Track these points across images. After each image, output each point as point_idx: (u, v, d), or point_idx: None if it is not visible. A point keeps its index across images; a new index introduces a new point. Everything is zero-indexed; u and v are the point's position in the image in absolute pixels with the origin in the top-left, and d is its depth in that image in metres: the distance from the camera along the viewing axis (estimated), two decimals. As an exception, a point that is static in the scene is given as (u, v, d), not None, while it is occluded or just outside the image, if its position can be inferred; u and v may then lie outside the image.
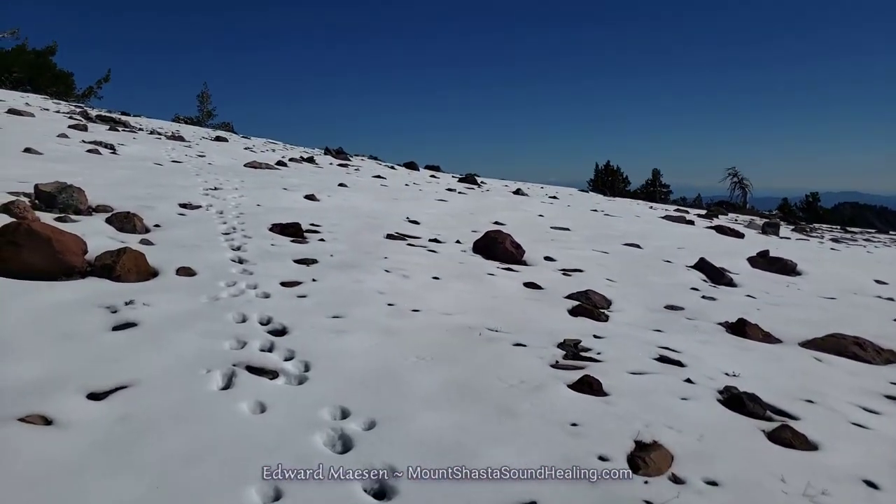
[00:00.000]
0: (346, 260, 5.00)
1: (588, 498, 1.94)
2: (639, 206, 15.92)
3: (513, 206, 10.25)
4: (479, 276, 5.05)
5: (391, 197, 9.45)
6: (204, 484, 1.95)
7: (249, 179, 8.76)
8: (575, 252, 6.71)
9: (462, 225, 7.66)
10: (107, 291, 3.62)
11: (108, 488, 1.90)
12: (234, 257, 4.71)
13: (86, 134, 11.89)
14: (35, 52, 29.03)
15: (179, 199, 6.49)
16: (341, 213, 7.27)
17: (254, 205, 6.93)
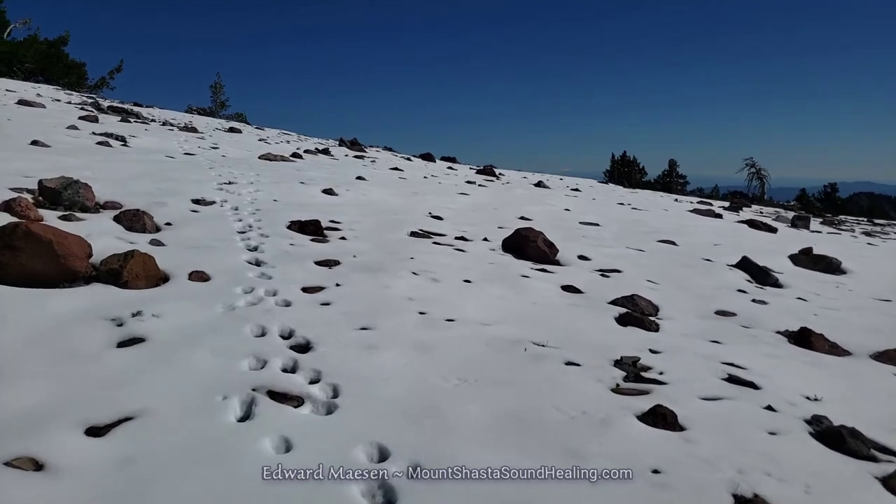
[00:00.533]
0: (371, 261, 4.65)
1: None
2: (663, 198, 15.44)
3: (537, 200, 9.85)
4: (513, 279, 4.68)
5: (411, 191, 9.08)
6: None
7: (265, 173, 8.43)
8: (609, 250, 6.32)
9: (487, 221, 7.28)
10: (112, 300, 3.29)
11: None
12: (250, 259, 4.37)
13: (96, 125, 11.61)
14: (47, 42, 28.83)
15: (192, 194, 6.17)
16: (361, 209, 6.92)
17: (270, 200, 6.60)
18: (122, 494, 1.81)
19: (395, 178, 11.28)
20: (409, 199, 8.16)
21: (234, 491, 1.85)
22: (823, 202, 50.64)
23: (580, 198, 11.39)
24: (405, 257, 4.89)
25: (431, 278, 4.40)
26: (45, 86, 24.38)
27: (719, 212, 12.25)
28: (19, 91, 18.21)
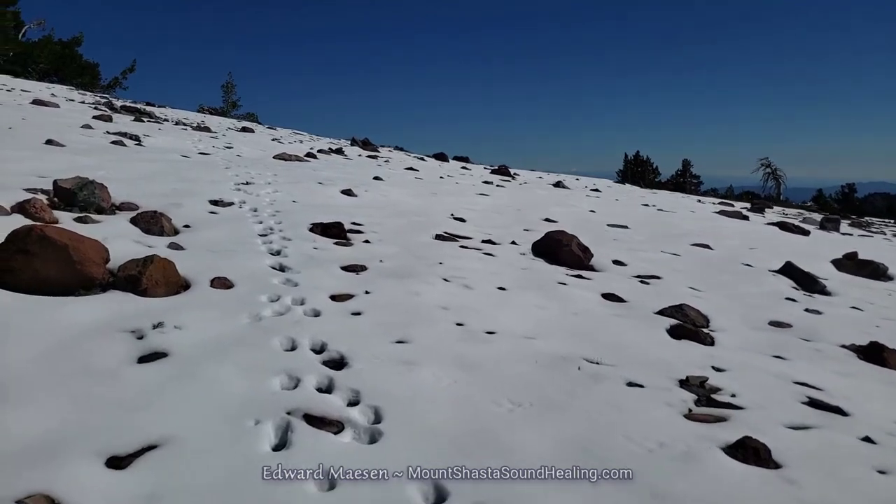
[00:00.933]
0: (398, 266, 4.40)
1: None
2: (685, 199, 15.11)
3: (559, 201, 9.58)
4: (549, 286, 4.42)
5: (430, 191, 8.83)
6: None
7: (281, 173, 8.20)
8: (644, 254, 6.05)
9: (512, 223, 7.02)
10: (132, 309, 3.06)
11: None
12: (274, 264, 4.13)
13: (110, 125, 11.45)
14: (61, 42, 28.85)
15: (210, 195, 5.95)
16: (382, 210, 6.68)
17: (289, 201, 6.36)
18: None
19: (411, 178, 11.04)
20: (428, 200, 7.91)
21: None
22: (841, 203, 50.05)
23: (602, 198, 11.10)
24: (433, 262, 4.64)
25: (463, 285, 4.15)
26: (59, 86, 24.37)
27: (745, 213, 11.92)
28: (34, 91, 18.14)
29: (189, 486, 1.81)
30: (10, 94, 16.07)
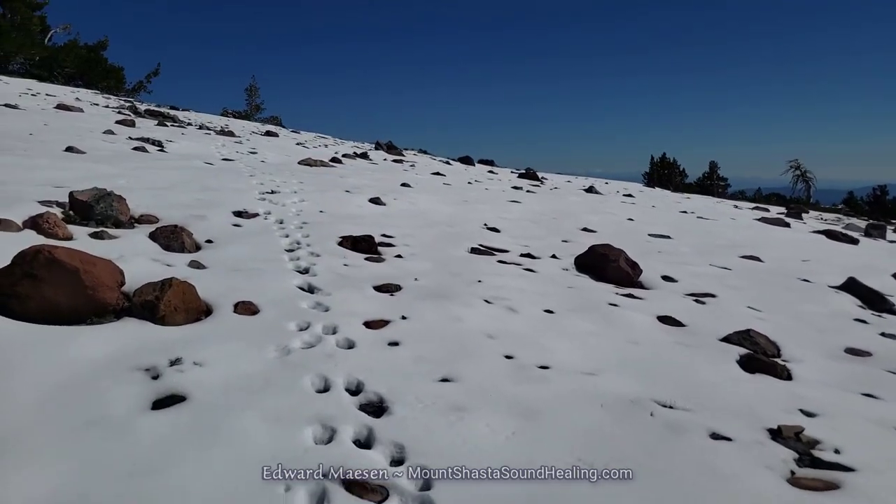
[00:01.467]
0: (435, 285, 4.08)
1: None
2: (720, 204, 14.58)
3: (593, 208, 9.18)
4: (600, 308, 4.05)
5: (460, 198, 8.50)
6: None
7: (308, 180, 7.93)
8: (692, 268, 5.64)
9: (549, 233, 6.66)
10: (147, 341, 2.77)
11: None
12: (302, 284, 3.83)
13: (133, 130, 11.31)
14: (87, 47, 29.12)
15: (233, 205, 5.68)
16: (412, 220, 6.36)
17: (316, 211, 6.08)
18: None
19: (439, 184, 10.72)
20: (459, 209, 7.58)
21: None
22: (872, 206, 48.71)
23: (638, 204, 10.67)
24: (471, 280, 4.30)
25: (507, 307, 3.81)
26: (84, 90, 24.54)
27: (786, 220, 11.40)
28: (59, 95, 18.20)
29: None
30: (35, 99, 16.10)
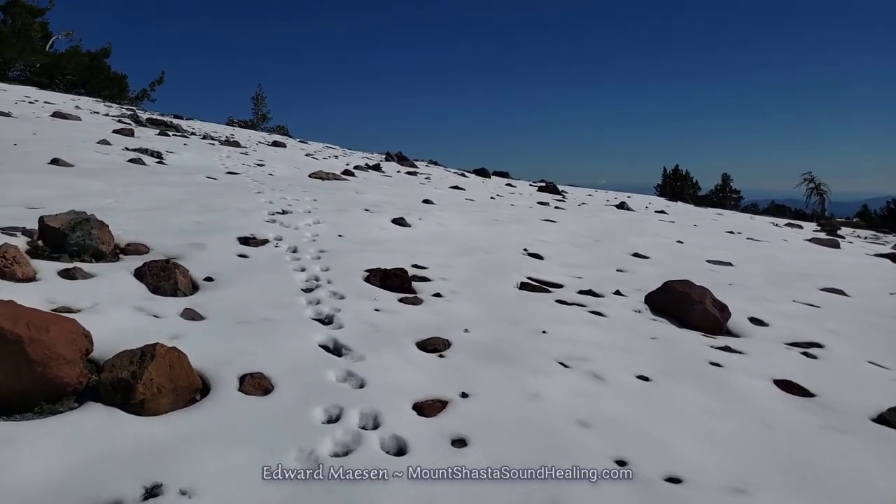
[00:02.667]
0: (491, 339, 3.23)
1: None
2: (755, 220, 13.70)
3: (635, 228, 8.33)
4: (701, 370, 3.20)
5: (489, 217, 7.66)
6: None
7: (322, 197, 7.10)
8: (775, 306, 4.78)
9: (598, 260, 5.81)
10: (116, 446, 1.93)
11: None
12: (326, 340, 2.98)
13: (131, 140, 10.52)
14: (89, 54, 28.49)
15: (239, 229, 4.85)
16: (444, 245, 5.53)
17: (335, 235, 5.25)
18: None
19: (461, 199, 9.90)
20: (492, 230, 6.74)
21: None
22: (887, 219, 47.81)
23: (678, 223, 9.80)
24: (533, 329, 3.46)
25: (589, 372, 2.96)
26: (86, 98, 23.87)
27: (836, 240, 10.53)
28: (58, 103, 17.50)
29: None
30: (32, 107, 15.39)
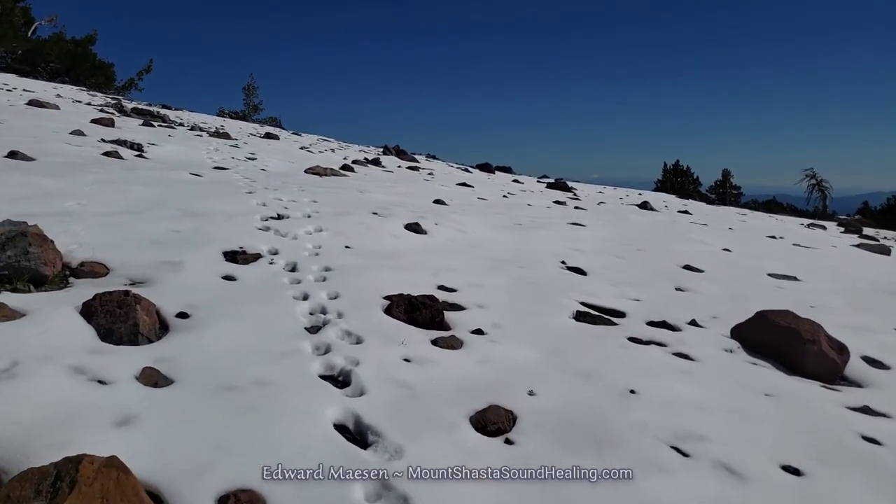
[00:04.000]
0: (568, 408, 2.35)
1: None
2: (783, 222, 12.86)
3: (674, 234, 7.46)
4: (856, 451, 2.33)
5: (511, 221, 6.78)
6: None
7: (322, 197, 6.18)
8: (877, 337, 3.94)
9: (649, 274, 4.94)
10: None
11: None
12: (344, 420, 2.09)
13: (109, 131, 9.55)
14: (74, 41, 27.29)
15: (225, 240, 3.94)
16: (469, 258, 4.64)
17: (341, 246, 4.35)
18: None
19: (472, 199, 9.01)
20: (518, 237, 5.86)
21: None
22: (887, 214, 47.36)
23: (711, 226, 8.96)
24: (617, 387, 2.59)
25: (719, 464, 2.09)
26: (70, 86, 22.79)
27: (886, 246, 9.71)
28: (38, 91, 16.45)
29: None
30: (9, 95, 14.35)
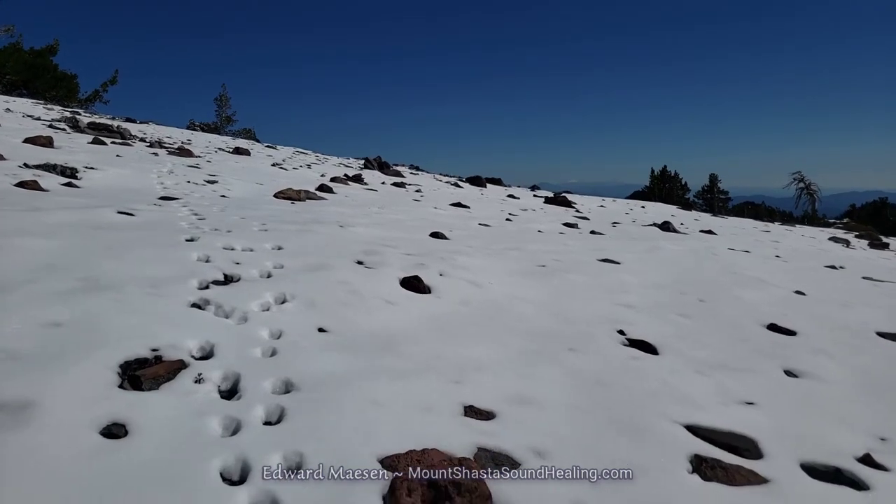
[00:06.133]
0: None
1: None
2: (821, 241, 11.66)
3: (726, 270, 6.13)
4: None
5: (530, 261, 5.42)
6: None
7: (290, 239, 4.75)
8: None
9: (736, 346, 3.61)
10: None
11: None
12: None
13: (42, 152, 8.04)
14: (33, 51, 25.61)
15: (130, 338, 2.52)
16: (501, 337, 3.27)
17: (311, 331, 2.94)
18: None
19: (473, 225, 7.64)
20: (548, 289, 4.50)
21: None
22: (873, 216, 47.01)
23: (755, 253, 7.68)
24: None
25: None
26: (24, 100, 21.13)
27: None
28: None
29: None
30: (-60, 110, 12.77)
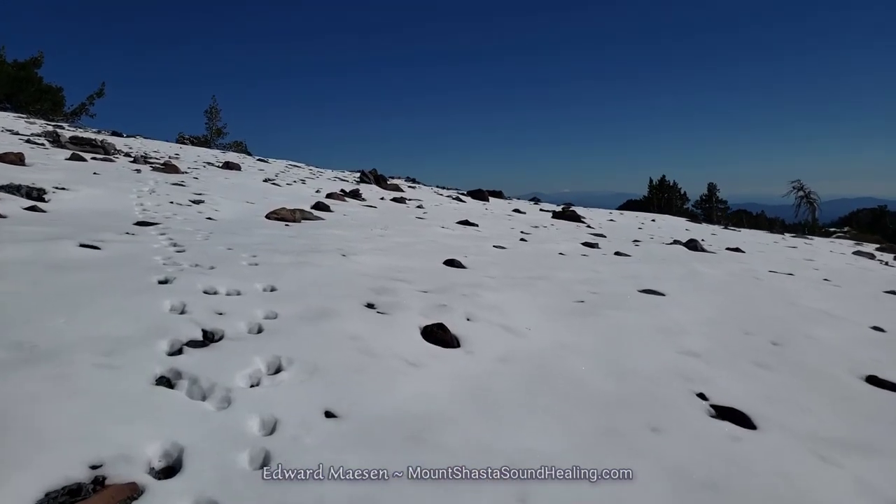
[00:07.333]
0: None
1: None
2: (836, 252, 10.99)
3: (783, 301, 5.40)
4: None
5: (564, 294, 4.67)
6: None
7: (285, 276, 3.98)
8: None
9: (847, 413, 2.87)
10: None
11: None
12: None
13: (5, 170, 7.25)
14: (16, 64, 24.83)
15: (63, 448, 1.76)
16: (560, 409, 2.52)
17: (316, 418, 2.18)
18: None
19: (489, 248, 6.89)
20: (597, 337, 3.73)
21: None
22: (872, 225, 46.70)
23: (798, 276, 6.98)
24: None
25: None
26: (8, 114, 20.36)
27: None
28: (-46, 120, 14.10)
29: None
30: None
